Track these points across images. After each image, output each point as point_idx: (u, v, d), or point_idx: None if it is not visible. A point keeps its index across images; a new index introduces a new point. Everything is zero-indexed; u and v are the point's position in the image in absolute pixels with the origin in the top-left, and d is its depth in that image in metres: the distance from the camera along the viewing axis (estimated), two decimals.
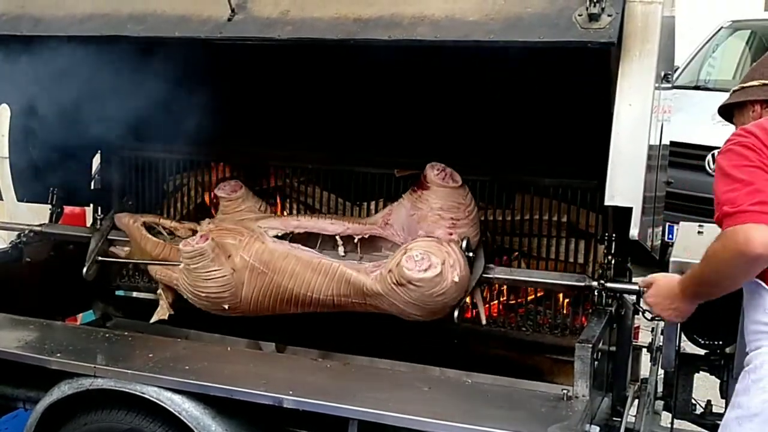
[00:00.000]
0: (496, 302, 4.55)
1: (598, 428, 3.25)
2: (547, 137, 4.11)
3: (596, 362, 3.39)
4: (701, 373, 3.96)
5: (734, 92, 3.40)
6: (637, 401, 4.09)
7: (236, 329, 4.67)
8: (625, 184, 3.15)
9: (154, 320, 4.54)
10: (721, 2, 13.83)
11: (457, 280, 3.84)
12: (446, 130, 4.23)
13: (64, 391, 3.56)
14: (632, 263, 4.23)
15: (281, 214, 4.75)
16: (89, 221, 5.55)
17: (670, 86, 3.87)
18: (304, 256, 4.18)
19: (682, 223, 4.31)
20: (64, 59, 3.90)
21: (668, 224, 6.95)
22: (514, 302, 4.56)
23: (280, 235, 4.32)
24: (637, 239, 3.22)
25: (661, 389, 4.22)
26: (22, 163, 4.99)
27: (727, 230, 2.83)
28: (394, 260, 3.90)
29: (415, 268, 3.80)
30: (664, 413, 4.26)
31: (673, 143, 4.61)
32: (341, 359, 4.33)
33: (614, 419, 3.96)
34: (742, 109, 3.36)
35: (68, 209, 5.40)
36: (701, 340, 3.64)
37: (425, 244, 3.93)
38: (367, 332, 4.46)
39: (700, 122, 8.89)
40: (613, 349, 3.97)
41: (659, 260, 4.23)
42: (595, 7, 3.08)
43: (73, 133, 4.95)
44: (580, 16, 3.13)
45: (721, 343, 3.63)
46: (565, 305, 4.47)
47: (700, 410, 4.02)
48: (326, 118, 4.40)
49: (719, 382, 3.85)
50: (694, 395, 4.01)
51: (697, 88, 9.94)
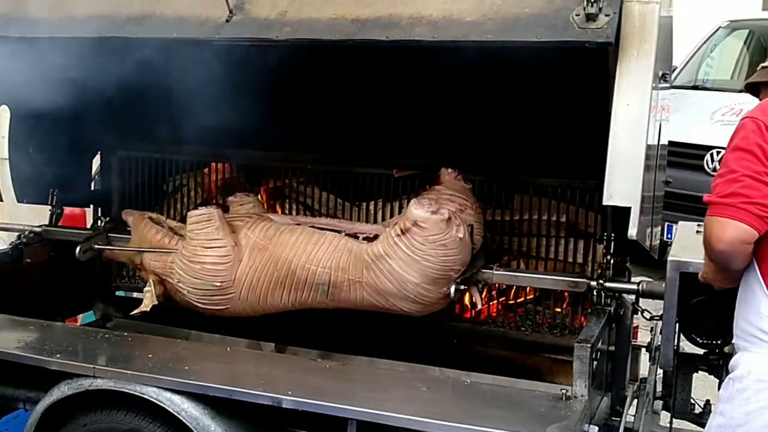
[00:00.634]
0: (495, 302, 4.56)
1: (597, 428, 3.25)
2: (545, 137, 4.11)
3: (595, 362, 3.39)
4: (700, 372, 3.95)
5: (763, 68, 3.30)
6: (636, 401, 4.09)
7: (236, 330, 4.67)
8: (623, 183, 3.15)
9: (137, 312, 4.48)
10: (718, 2, 13.84)
11: (461, 236, 3.88)
12: (445, 130, 4.24)
13: (63, 391, 3.56)
14: (631, 263, 4.24)
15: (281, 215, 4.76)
16: (89, 222, 5.56)
17: (668, 86, 3.87)
18: (307, 230, 4.28)
19: (680, 222, 4.31)
20: (63, 60, 3.90)
21: (667, 224, 6.97)
22: (513, 302, 4.56)
23: None
24: (635, 239, 3.22)
25: (660, 389, 4.22)
26: (22, 164, 4.99)
27: (705, 219, 2.92)
28: (402, 214, 4.01)
29: (423, 208, 3.85)
30: (663, 413, 4.26)
31: (671, 143, 4.61)
32: (340, 359, 4.33)
33: (613, 419, 3.96)
34: None
35: (68, 210, 5.40)
36: (699, 339, 3.59)
37: (436, 196, 4.05)
38: (366, 332, 4.46)
39: (698, 122, 8.93)
40: (612, 348, 3.97)
41: (658, 260, 4.23)
42: (592, 7, 3.07)
43: (72, 134, 4.98)
44: (577, 16, 3.12)
45: (719, 342, 3.58)
46: (563, 305, 4.47)
47: (699, 410, 4.02)
48: (325, 118, 4.41)
49: (718, 381, 3.82)
50: (693, 395, 4.01)
51: (695, 87, 9.96)
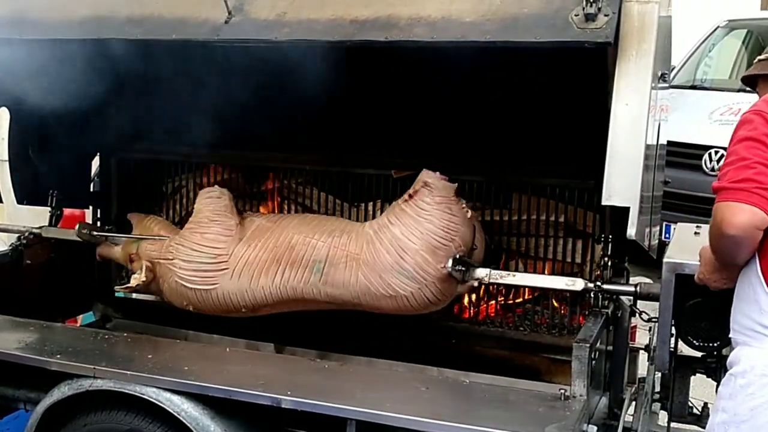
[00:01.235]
0: (493, 302, 4.57)
1: (595, 428, 3.25)
2: (544, 137, 4.11)
3: (594, 362, 3.39)
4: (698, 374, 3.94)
5: (760, 61, 3.29)
6: (634, 402, 4.09)
7: (235, 330, 4.68)
8: (622, 183, 3.15)
9: (122, 288, 4.55)
10: (717, 2, 13.84)
11: (468, 214, 4.02)
12: (443, 130, 4.24)
13: (64, 392, 3.57)
14: (630, 263, 4.24)
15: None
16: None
17: (666, 86, 3.88)
18: (316, 214, 4.47)
19: (678, 223, 4.30)
20: (62, 62, 3.91)
21: (666, 224, 6.98)
22: (511, 302, 4.56)
23: None
24: (634, 239, 3.22)
25: (658, 391, 4.22)
26: (21, 165, 5.00)
27: (714, 206, 2.85)
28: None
29: (435, 175, 4.00)
30: (662, 412, 4.26)
31: (670, 143, 4.62)
32: (339, 360, 4.33)
33: (611, 421, 3.96)
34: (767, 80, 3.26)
35: (68, 211, 5.40)
36: (696, 342, 3.53)
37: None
38: (364, 333, 4.47)
39: (696, 122, 8.93)
40: (610, 349, 3.96)
41: (657, 260, 4.22)
42: (591, 7, 3.08)
43: (72, 135, 4.98)
44: (576, 16, 3.13)
45: (716, 344, 3.52)
46: (562, 306, 4.48)
47: (697, 412, 3.99)
48: (323, 119, 4.41)
49: (716, 384, 3.80)
50: (692, 395, 3.99)
51: (693, 87, 9.95)
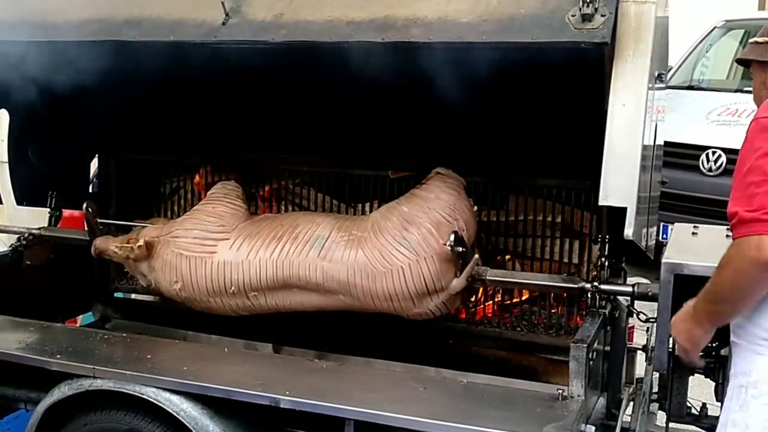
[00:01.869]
0: (490, 302, 4.57)
1: (593, 428, 3.24)
2: (541, 138, 4.11)
3: (591, 362, 3.39)
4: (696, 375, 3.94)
5: (756, 44, 3.14)
6: (632, 402, 4.09)
7: (233, 331, 4.69)
8: (619, 184, 3.16)
9: (121, 253, 4.47)
10: (714, 2, 13.84)
11: (472, 206, 4.08)
12: (440, 131, 4.24)
13: (64, 392, 3.58)
14: (627, 263, 4.24)
15: None
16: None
17: (663, 86, 3.88)
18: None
19: (676, 224, 4.30)
20: (61, 64, 3.92)
21: (663, 224, 6.99)
22: (508, 302, 4.56)
23: None
24: (631, 239, 3.23)
25: (656, 391, 4.22)
26: (21, 167, 5.01)
27: (739, 240, 2.60)
28: None
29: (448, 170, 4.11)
30: (660, 412, 4.26)
31: (667, 143, 4.63)
32: (337, 360, 4.34)
33: (609, 422, 3.96)
34: (763, 66, 3.12)
35: (67, 212, 5.41)
36: None
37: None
38: (363, 333, 4.48)
39: (694, 122, 8.93)
40: (607, 349, 3.96)
41: (654, 260, 4.23)
42: (588, 7, 3.09)
43: (70, 137, 5.00)
44: (573, 16, 3.14)
45: (715, 345, 3.49)
46: (559, 306, 4.48)
47: (695, 413, 3.99)
48: (321, 120, 4.42)
49: (714, 384, 3.76)
50: (690, 395, 3.99)
51: (690, 87, 9.94)
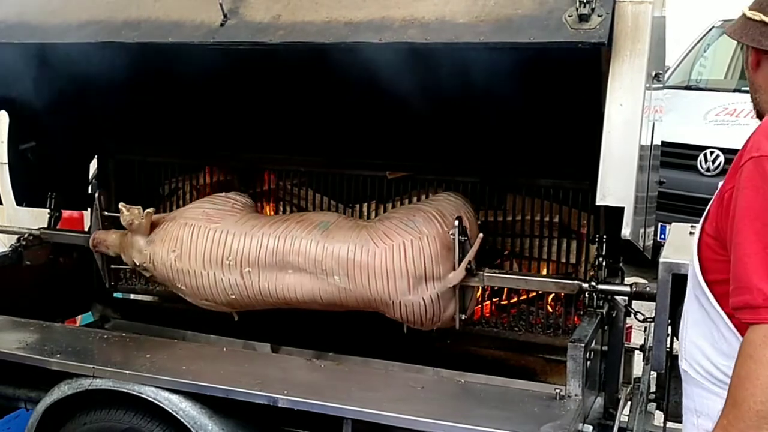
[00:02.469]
0: (488, 302, 4.58)
1: (591, 427, 3.24)
2: (538, 138, 4.12)
3: (589, 362, 3.39)
4: None
5: (740, 18, 2.57)
6: (629, 402, 4.10)
7: (232, 331, 4.70)
8: (616, 184, 3.15)
9: (127, 215, 4.41)
10: (712, 2, 13.83)
11: (475, 216, 4.11)
12: (438, 131, 4.25)
13: (63, 391, 3.60)
14: (625, 263, 4.25)
15: None
16: (87, 225, 5.58)
17: (661, 86, 3.88)
18: None
19: (673, 224, 4.31)
20: (60, 65, 3.93)
21: (661, 224, 7.01)
22: (506, 303, 4.57)
23: None
24: (629, 239, 3.23)
25: (653, 390, 4.23)
26: (20, 168, 5.03)
27: (764, 329, 2.11)
28: None
29: None
30: (657, 412, 4.27)
31: (665, 143, 4.64)
32: (335, 360, 4.35)
33: (607, 421, 3.97)
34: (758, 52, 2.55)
35: (66, 213, 5.44)
36: None
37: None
38: (361, 333, 4.49)
39: (691, 122, 8.94)
40: (605, 349, 3.97)
41: (652, 260, 4.24)
42: (585, 7, 3.08)
43: (70, 138, 5.01)
44: (570, 17, 3.14)
45: None
46: (557, 306, 4.49)
47: None
48: (318, 121, 4.43)
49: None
50: None
51: (688, 88, 9.94)
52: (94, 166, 5.39)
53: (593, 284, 3.80)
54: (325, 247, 3.97)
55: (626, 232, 3.19)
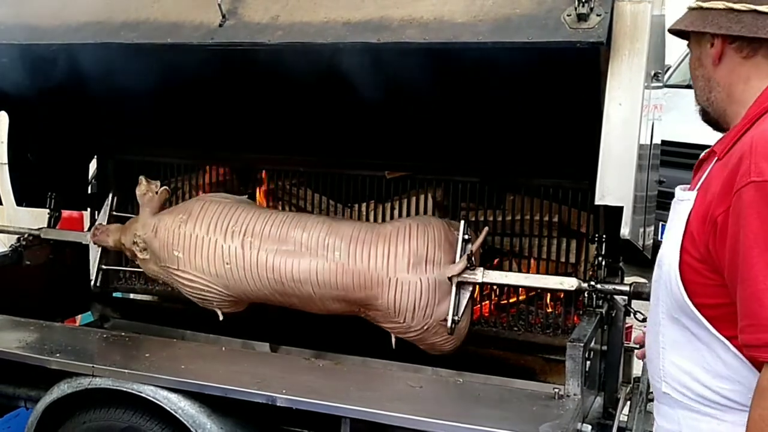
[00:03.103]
0: (487, 302, 4.58)
1: (590, 427, 3.24)
2: (537, 138, 4.11)
3: (588, 361, 3.40)
4: None
5: (692, 10, 2.47)
6: (629, 402, 4.09)
7: (231, 330, 4.70)
8: (615, 183, 3.14)
9: (143, 186, 4.52)
10: None
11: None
12: (436, 131, 4.25)
13: (63, 390, 3.61)
14: (625, 263, 4.25)
15: None
16: (87, 225, 5.59)
17: (660, 85, 3.88)
18: None
19: None
20: (60, 66, 3.93)
21: (661, 223, 6.98)
22: (505, 302, 4.58)
23: None
24: (628, 239, 3.22)
25: (652, 390, 4.21)
26: (20, 168, 5.04)
27: None
28: None
29: None
30: None
31: (665, 142, 4.62)
32: (333, 359, 4.35)
33: (606, 421, 3.97)
34: (700, 38, 2.46)
35: (66, 213, 5.45)
36: None
37: None
38: (359, 333, 4.48)
39: (692, 121, 8.87)
40: (604, 348, 3.97)
41: (651, 260, 4.22)
42: (583, 7, 3.07)
43: (69, 138, 5.01)
44: (568, 16, 3.12)
45: None
46: (556, 305, 4.49)
47: None
48: (317, 121, 4.43)
49: None
50: None
51: (689, 87, 9.81)
52: (94, 166, 5.39)
53: (593, 284, 3.81)
54: (331, 225, 4.12)
55: (625, 231, 3.18)
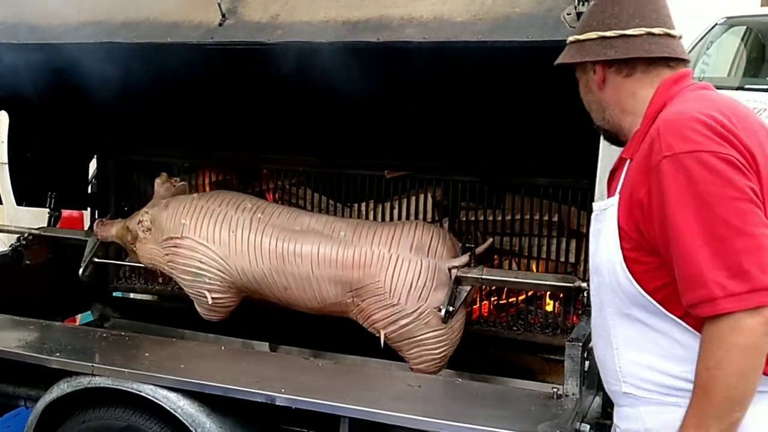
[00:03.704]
0: (486, 302, 4.58)
1: (588, 426, 3.23)
2: (537, 137, 4.10)
3: (587, 361, 3.40)
4: None
5: (571, 44, 2.62)
6: None
7: (230, 330, 4.71)
8: None
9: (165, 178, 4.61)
10: None
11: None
12: (436, 131, 4.25)
13: (63, 389, 3.60)
14: None
15: None
16: (86, 224, 5.60)
17: None
18: None
19: None
20: (60, 65, 3.94)
21: None
22: (504, 302, 4.57)
23: None
24: None
25: None
26: (20, 168, 5.04)
27: (727, 319, 2.12)
28: None
29: None
30: None
31: None
32: (333, 359, 4.35)
33: (605, 421, 3.96)
34: (583, 68, 2.61)
35: (66, 213, 5.45)
36: None
37: None
38: (358, 332, 4.47)
39: None
40: None
41: None
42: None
43: (69, 138, 5.02)
44: (568, 15, 3.12)
45: None
46: (556, 305, 4.49)
47: None
48: (317, 121, 4.43)
49: None
50: None
51: None
52: (93, 166, 5.40)
53: None
54: (339, 216, 4.41)
55: None
